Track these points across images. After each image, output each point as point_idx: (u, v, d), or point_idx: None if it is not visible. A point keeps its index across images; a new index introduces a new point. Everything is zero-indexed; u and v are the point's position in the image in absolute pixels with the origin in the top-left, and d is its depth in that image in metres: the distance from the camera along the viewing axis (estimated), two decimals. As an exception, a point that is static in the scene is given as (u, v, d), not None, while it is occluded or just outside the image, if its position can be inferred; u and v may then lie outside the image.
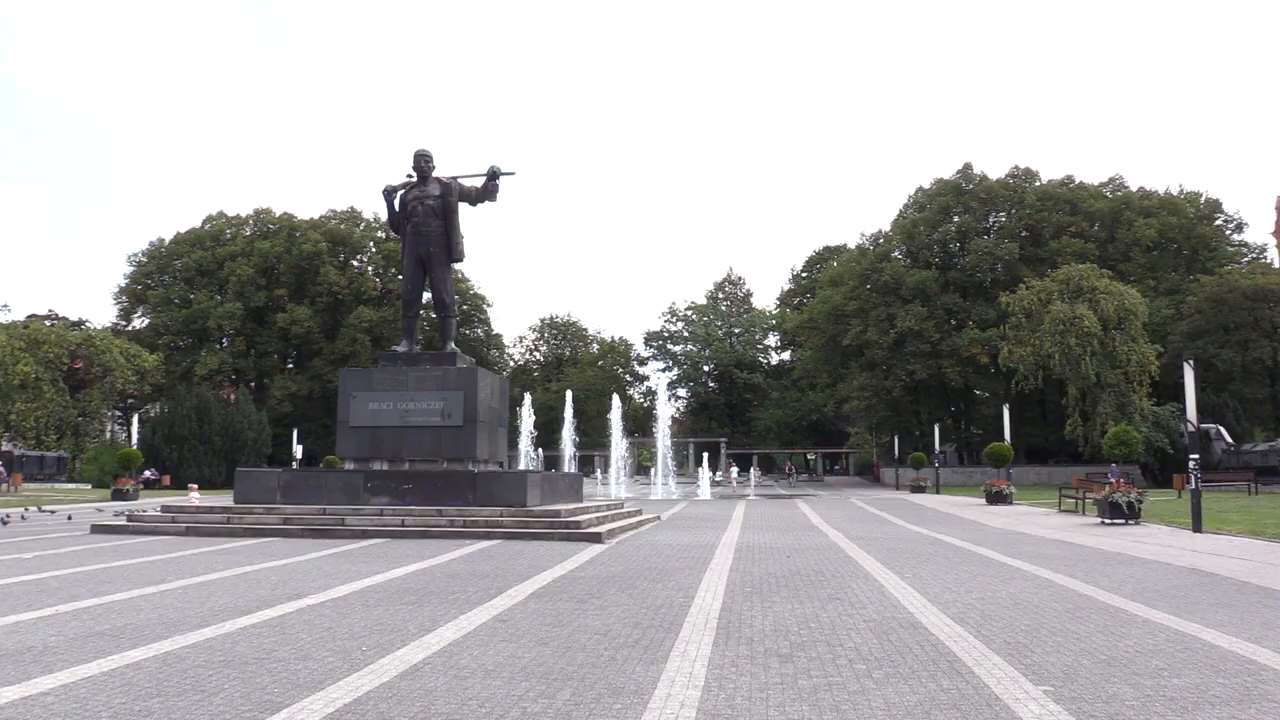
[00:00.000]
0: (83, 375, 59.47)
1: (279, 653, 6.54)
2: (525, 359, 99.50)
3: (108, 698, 5.30)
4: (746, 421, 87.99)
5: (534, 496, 18.04)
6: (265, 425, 57.20)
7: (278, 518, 17.45)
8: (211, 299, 71.06)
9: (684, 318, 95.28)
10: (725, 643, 6.94)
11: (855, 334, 61.38)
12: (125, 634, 7.25)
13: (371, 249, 77.36)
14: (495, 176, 20.55)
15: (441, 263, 20.71)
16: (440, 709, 5.06)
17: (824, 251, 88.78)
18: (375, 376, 20.11)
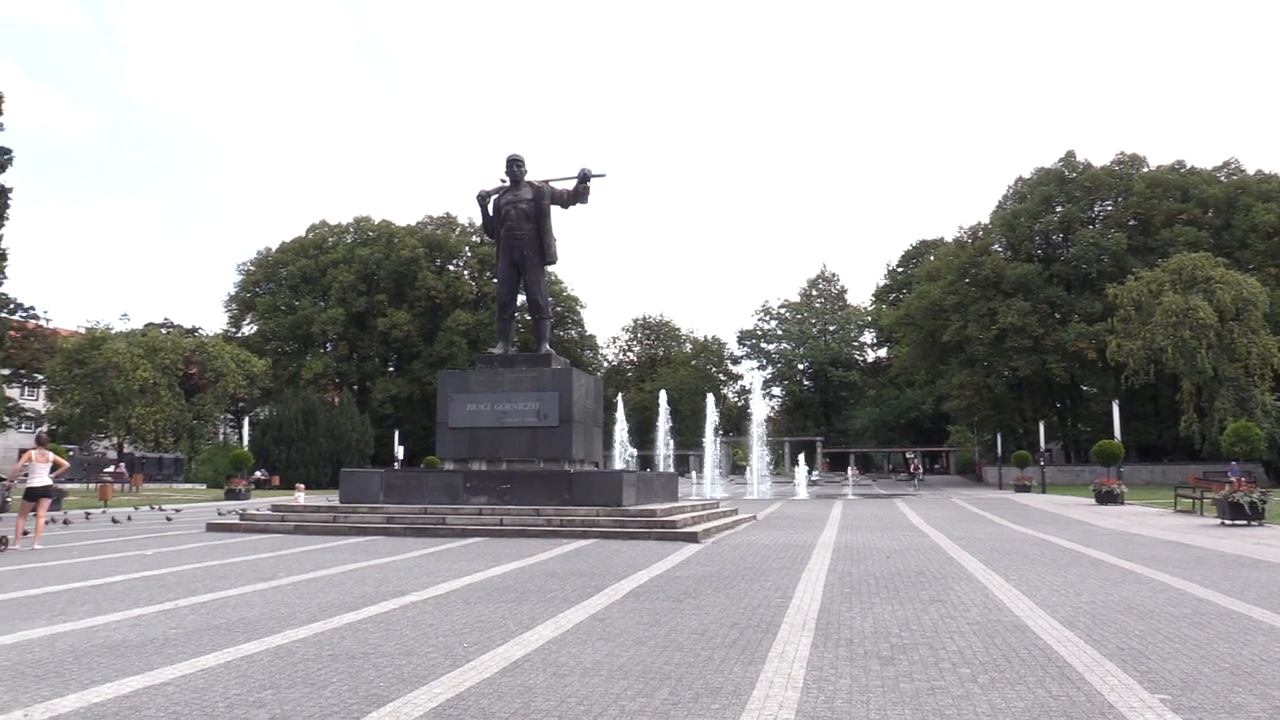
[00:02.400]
0: (197, 380, 62.11)
1: (384, 648, 6.71)
2: (619, 359, 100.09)
3: (224, 688, 5.52)
4: (843, 420, 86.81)
5: (629, 496, 18.12)
6: (368, 427, 58.83)
7: (381, 517, 17.92)
8: (315, 305, 73.46)
9: (777, 315, 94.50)
10: (824, 644, 6.85)
11: (954, 329, 59.94)
12: (239, 628, 7.54)
13: (467, 253, 78.88)
14: (586, 179, 20.71)
15: (535, 265, 20.97)
16: (540, 706, 5.12)
17: (920, 246, 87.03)
18: (472, 378, 20.48)
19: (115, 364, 54.22)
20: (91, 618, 8.05)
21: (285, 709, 5.07)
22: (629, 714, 4.97)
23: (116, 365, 54.21)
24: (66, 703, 5.19)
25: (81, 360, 55.90)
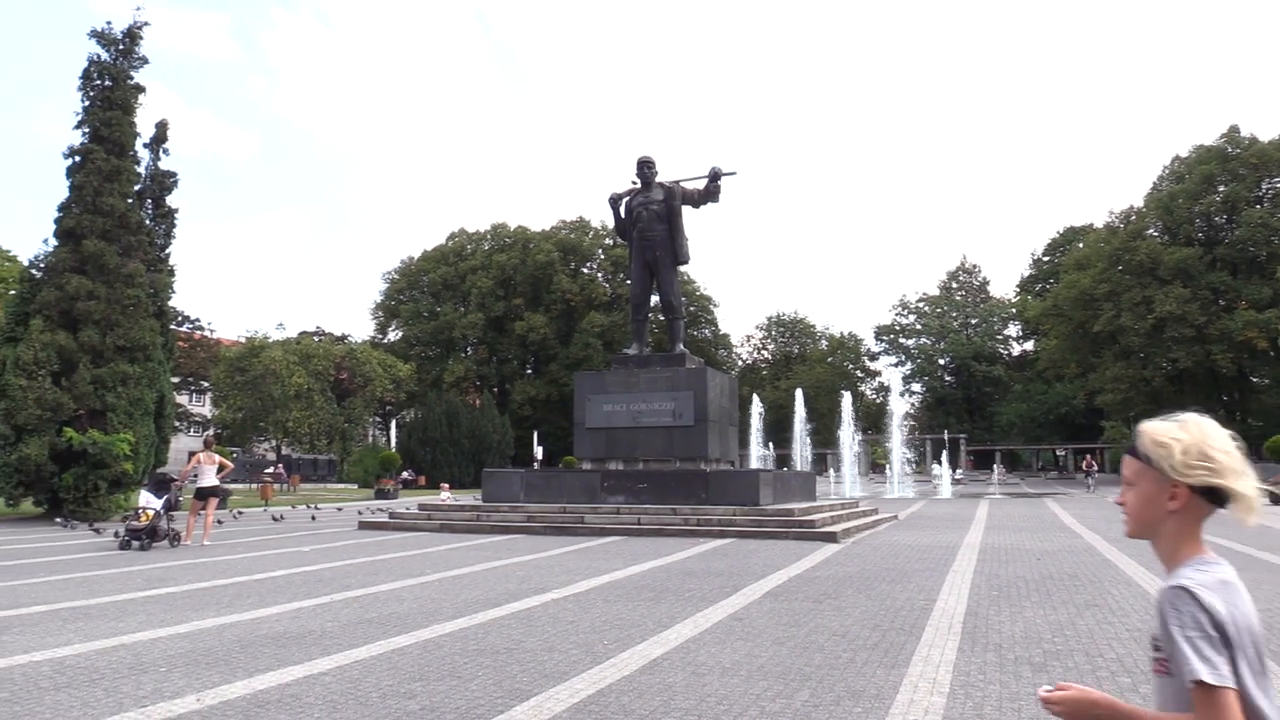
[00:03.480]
0: (347, 385, 65.01)
1: (526, 644, 6.85)
2: (753, 358, 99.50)
3: (377, 680, 5.75)
4: (987, 416, 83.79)
5: (766, 495, 17.98)
6: (508, 428, 60.31)
7: (522, 515, 18.33)
8: (456, 311, 75.81)
9: (916, 310, 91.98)
10: (971, 648, 6.62)
11: (1107, 320, 56.93)
12: (390, 622, 7.84)
13: (600, 256, 79.90)
14: (717, 178, 20.66)
15: (668, 266, 21.06)
16: (679, 704, 5.12)
17: (1068, 233, 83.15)
18: (608, 379, 20.71)
19: (273, 371, 57.30)
20: (256, 610, 8.51)
21: (434, 700, 5.24)
22: (769, 715, 4.92)
23: (274, 372, 57.29)
24: (234, 689, 5.50)
25: (242, 368, 59.30)
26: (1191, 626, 1.60)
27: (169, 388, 26.39)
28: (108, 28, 25.12)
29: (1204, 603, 1.61)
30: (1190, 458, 1.71)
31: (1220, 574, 1.69)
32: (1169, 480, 1.72)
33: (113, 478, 22.31)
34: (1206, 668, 1.56)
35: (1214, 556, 1.73)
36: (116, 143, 24.53)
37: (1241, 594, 1.69)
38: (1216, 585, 1.66)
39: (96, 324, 22.95)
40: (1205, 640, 1.58)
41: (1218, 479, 1.69)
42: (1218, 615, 1.60)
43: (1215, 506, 1.72)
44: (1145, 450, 1.77)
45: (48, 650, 6.69)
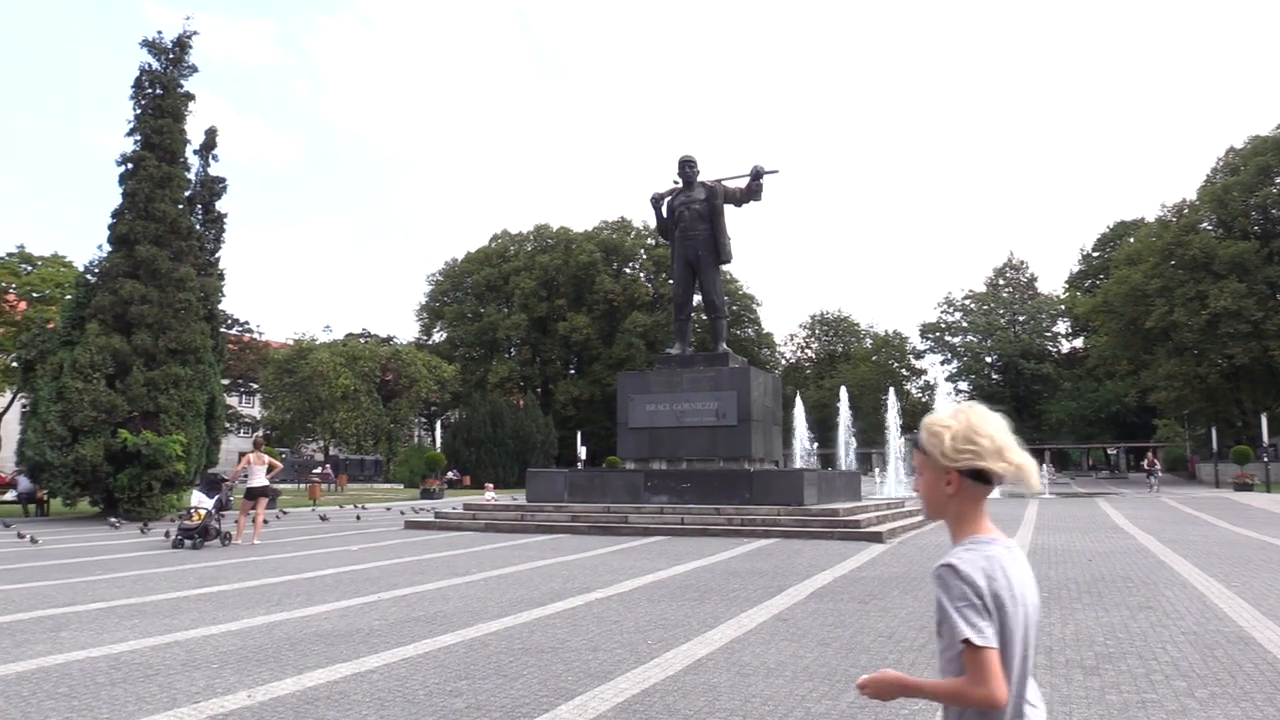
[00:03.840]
0: (393, 386, 65.75)
1: (571, 643, 6.87)
2: (796, 357, 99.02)
3: (424, 678, 5.80)
4: (1036, 415, 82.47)
5: (810, 495, 17.88)
6: (551, 428, 60.58)
7: (566, 515, 18.40)
8: (499, 312, 76.34)
9: (962, 307, 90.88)
10: (1021, 650, 6.51)
11: (1159, 316, 55.78)
12: (437, 620, 7.90)
13: (642, 256, 79.96)
14: (759, 176, 20.59)
15: (710, 265, 21.03)
16: (724, 704, 5.10)
17: (1118, 227, 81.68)
18: (651, 379, 20.73)
19: (320, 373, 58.10)
20: (305, 608, 8.63)
21: (480, 699, 5.27)
22: (815, 716, 4.88)
23: (321, 374, 58.09)
24: (284, 686, 5.58)
25: (290, 369, 60.19)
26: (959, 598, 1.78)
27: (219, 389, 26.86)
28: (159, 37, 25.64)
29: (967, 576, 1.79)
30: (958, 443, 1.87)
31: (989, 551, 1.86)
32: (943, 467, 1.89)
33: (166, 478, 22.77)
34: (973, 631, 1.75)
35: (990, 536, 1.89)
36: (167, 150, 25.04)
37: (1012, 569, 1.85)
38: (982, 561, 1.83)
39: (149, 327, 23.43)
40: (971, 608, 1.77)
41: (981, 461, 1.85)
42: (979, 587, 1.79)
43: (988, 486, 1.89)
44: (923, 441, 1.94)
45: (104, 646, 6.84)
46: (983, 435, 1.88)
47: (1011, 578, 1.84)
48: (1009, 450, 1.88)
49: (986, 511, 1.93)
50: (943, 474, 1.91)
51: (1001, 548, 1.88)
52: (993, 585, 1.80)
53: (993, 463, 1.86)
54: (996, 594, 1.80)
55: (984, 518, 1.93)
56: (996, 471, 1.87)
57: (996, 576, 1.82)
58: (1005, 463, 1.87)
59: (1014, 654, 1.81)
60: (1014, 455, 1.88)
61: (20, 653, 6.63)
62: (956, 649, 1.77)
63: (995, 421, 1.91)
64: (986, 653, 1.74)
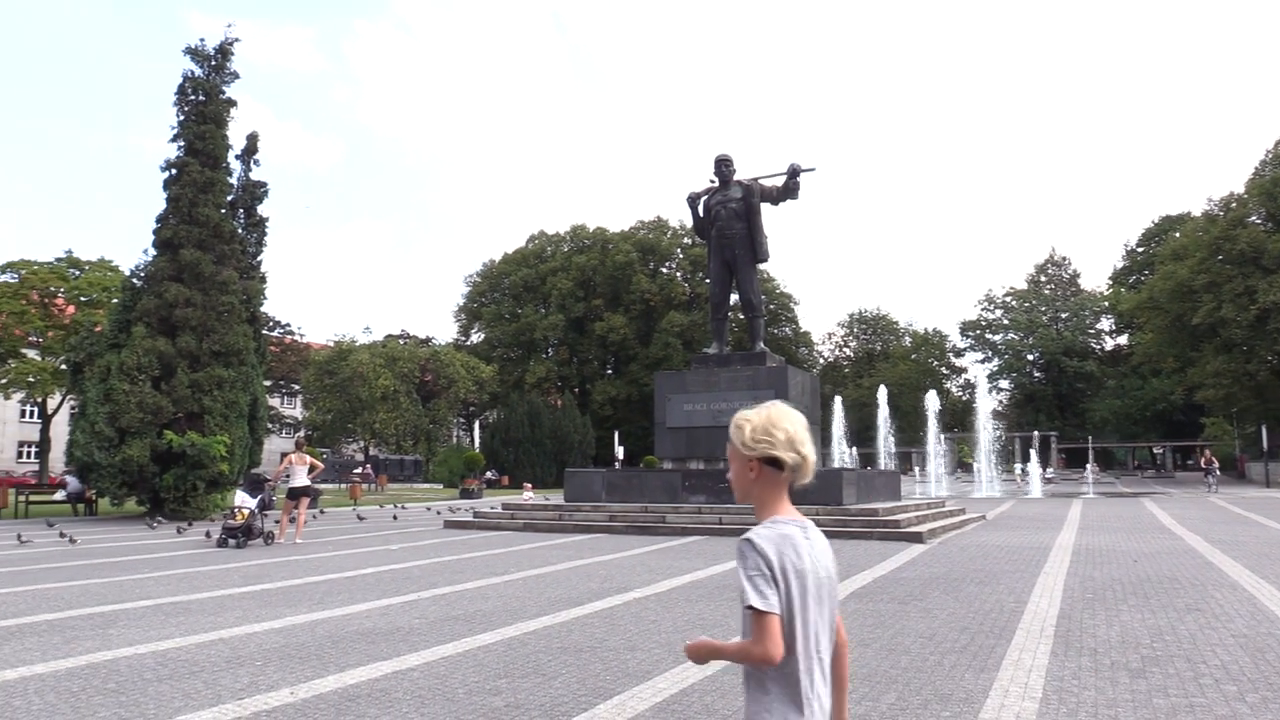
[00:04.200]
0: (432, 387, 66.25)
1: (609, 642, 6.88)
2: (835, 356, 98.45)
3: (463, 676, 5.83)
4: (1079, 413, 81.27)
5: (850, 495, 17.76)
6: (589, 428, 60.71)
7: (603, 515, 18.43)
8: (537, 312, 76.66)
9: (1003, 304, 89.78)
10: (1064, 653, 6.42)
11: (1206, 312, 54.65)
12: (476, 619, 7.95)
13: (679, 255, 79.90)
14: (796, 174, 20.49)
15: (747, 264, 20.96)
16: (763, 705, 5.08)
17: (1163, 222, 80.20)
18: (688, 379, 20.70)
19: (360, 374, 58.71)
20: (346, 606, 8.73)
21: (519, 697, 5.29)
22: (855, 717, 4.85)
23: (361, 375, 58.69)
24: (326, 683, 5.64)
25: (331, 371, 60.89)
26: (751, 568, 2.02)
27: (262, 391, 27.22)
28: (201, 45, 26.04)
29: (761, 550, 2.04)
30: (757, 435, 2.13)
31: (784, 530, 2.10)
32: (745, 455, 2.14)
33: (210, 478, 23.13)
34: (758, 597, 1.99)
35: (788, 516, 2.14)
36: (210, 155, 25.42)
37: (803, 547, 2.09)
38: (776, 538, 2.07)
39: (193, 330, 23.81)
40: (761, 578, 2.01)
41: (774, 451, 2.11)
42: (770, 560, 2.03)
43: (783, 473, 2.13)
44: (730, 433, 2.18)
45: (151, 643, 6.96)
46: (778, 429, 2.13)
47: (802, 554, 2.08)
48: (799, 444, 2.13)
49: (786, 496, 2.17)
50: (746, 462, 2.15)
51: (796, 528, 2.13)
52: (783, 560, 2.04)
53: (784, 452, 2.11)
54: (785, 567, 2.04)
55: (784, 501, 2.17)
56: (786, 460, 2.11)
57: (787, 552, 2.06)
58: (794, 453, 2.12)
59: (798, 619, 2.04)
60: (803, 448, 2.14)
61: (70, 649, 6.76)
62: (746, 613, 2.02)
63: (793, 417, 2.16)
64: (768, 617, 1.98)
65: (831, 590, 2.15)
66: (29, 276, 54.04)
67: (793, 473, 2.15)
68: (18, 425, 71.03)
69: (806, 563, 2.08)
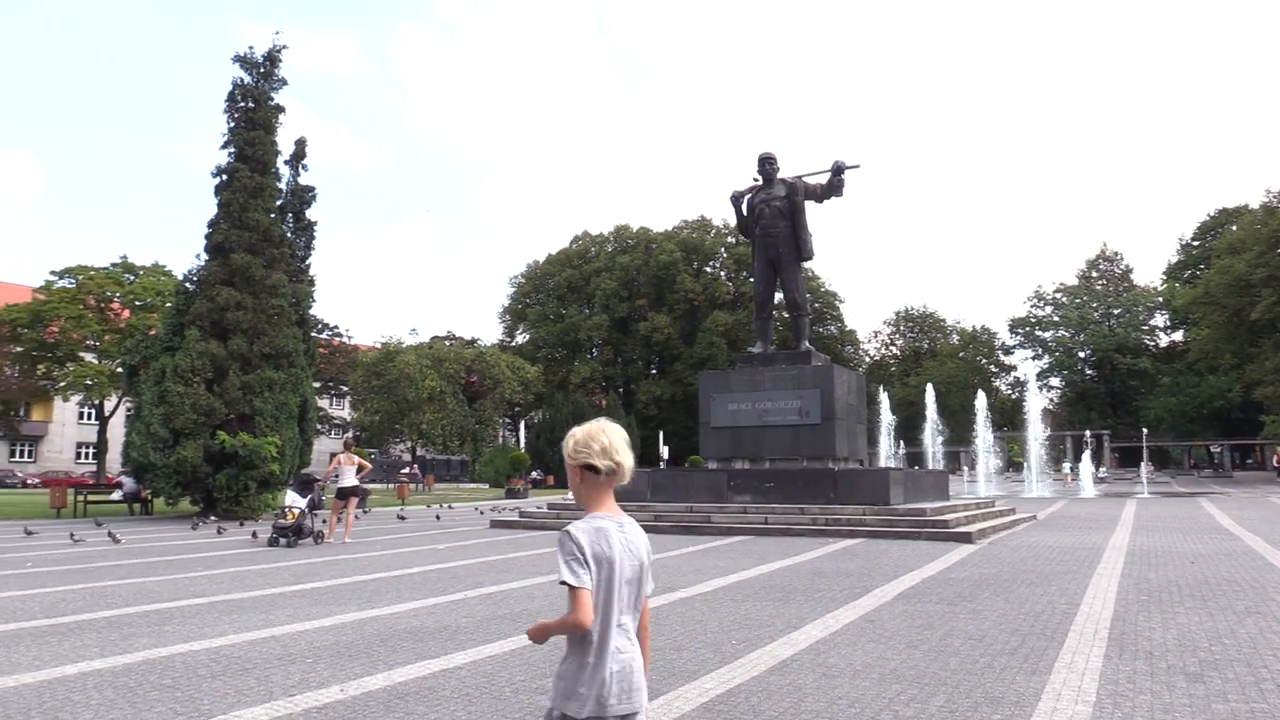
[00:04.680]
0: (477, 387, 66.76)
1: (655, 642, 6.86)
2: (881, 354, 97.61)
3: (510, 675, 5.86)
4: (1133, 411, 79.66)
5: (897, 494, 17.58)
6: (633, 428, 60.75)
7: (649, 515, 18.42)
8: (581, 313, 76.93)
9: (1053, 301, 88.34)
10: (1119, 656, 6.30)
11: (1266, 307, 53.29)
12: (521, 618, 7.99)
13: (722, 255, 79.71)
14: (840, 171, 20.34)
15: (791, 262, 20.84)
16: (810, 706, 5.04)
17: (1220, 215, 78.40)
18: (733, 378, 20.64)
19: (407, 375, 59.34)
20: (394, 605, 8.82)
21: (564, 698, 5.30)
22: (904, 719, 4.79)
23: (408, 376, 59.31)
24: (375, 681, 5.70)
25: (378, 372, 61.60)
26: (568, 554, 2.43)
27: (311, 392, 27.60)
28: (250, 52, 26.45)
29: (575, 539, 2.44)
30: (578, 447, 2.54)
31: (598, 524, 2.50)
32: (570, 464, 2.57)
33: (261, 478, 23.50)
34: (572, 576, 2.40)
35: (605, 514, 2.53)
36: (260, 161, 25.83)
37: (614, 538, 2.48)
38: (591, 530, 2.48)
39: (244, 333, 24.21)
40: (575, 561, 2.42)
41: (590, 459, 2.51)
42: (583, 547, 2.43)
43: (599, 477, 2.52)
44: (562, 446, 2.60)
45: (204, 640, 7.08)
46: (596, 441, 2.54)
47: (613, 544, 2.48)
48: (614, 453, 2.53)
49: (608, 496, 2.55)
50: (572, 469, 2.56)
51: (611, 523, 2.52)
52: (594, 548, 2.45)
53: (599, 460, 2.51)
54: (597, 554, 2.45)
55: (605, 500, 2.56)
56: (600, 467, 2.51)
57: (599, 542, 2.46)
58: (609, 461, 2.51)
59: (602, 597, 2.44)
60: (617, 456, 2.53)
61: (127, 645, 6.91)
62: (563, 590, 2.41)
63: (611, 430, 2.57)
64: (579, 591, 2.39)
65: (641, 574, 2.55)
66: (86, 282, 55.37)
67: (609, 477, 2.53)
68: (76, 427, 72.83)
69: (616, 552, 2.47)
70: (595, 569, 2.44)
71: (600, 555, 2.46)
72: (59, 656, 6.52)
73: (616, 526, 2.52)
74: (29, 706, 5.19)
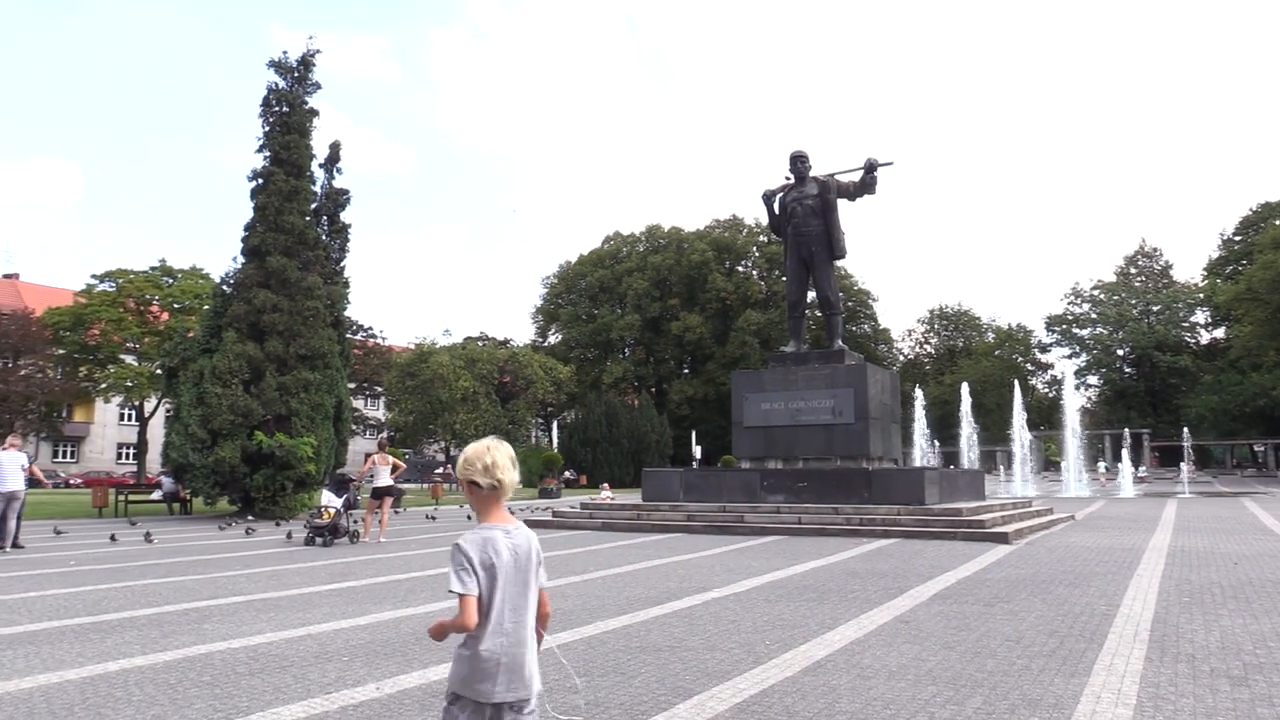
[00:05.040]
0: (510, 388, 67.00)
1: (688, 642, 6.86)
2: (915, 353, 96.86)
3: (544, 674, 5.87)
4: (1173, 410, 78.37)
5: (932, 494, 17.44)
6: (666, 427, 60.74)
7: (681, 515, 18.42)
8: (613, 313, 77.00)
9: (1090, 298, 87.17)
10: (1160, 658, 6.20)
11: (1310, 304, 52.37)
12: (556, 618, 7.97)
13: (754, 254, 79.45)
14: (873, 169, 20.22)
15: (824, 261, 20.74)
16: (844, 707, 5.01)
17: (1262, 210, 76.95)
18: (766, 377, 20.57)
19: (440, 375, 59.66)
20: (429, 604, 8.87)
21: (599, 695, 5.31)
22: (939, 722, 4.75)
23: (441, 377, 59.63)
24: (410, 679, 5.74)
25: (412, 373, 62.00)
26: (457, 564, 2.78)
27: (346, 393, 27.85)
28: (284, 57, 26.75)
29: (464, 550, 2.79)
30: (464, 465, 2.89)
31: (486, 535, 2.84)
32: (460, 479, 2.92)
33: (297, 478, 23.75)
34: (459, 584, 2.76)
35: (495, 523, 2.89)
36: (294, 164, 26.10)
37: (502, 544, 2.83)
38: (479, 541, 2.82)
39: (280, 335, 24.49)
40: (462, 570, 2.77)
41: (472, 476, 2.87)
42: (471, 557, 2.78)
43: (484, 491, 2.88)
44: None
45: (243, 638, 7.17)
46: (480, 460, 2.87)
47: (501, 550, 2.82)
48: (496, 470, 2.87)
49: (497, 507, 2.91)
50: (461, 484, 2.93)
51: (499, 531, 2.86)
52: (482, 556, 2.79)
53: (480, 478, 2.86)
54: (483, 562, 2.79)
55: (494, 511, 2.90)
56: (482, 484, 2.86)
57: (486, 550, 2.80)
58: (490, 479, 2.86)
59: (493, 600, 2.79)
60: (499, 473, 2.88)
61: (168, 643, 7.01)
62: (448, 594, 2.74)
63: (496, 449, 2.91)
64: (465, 598, 2.75)
65: (529, 573, 2.90)
66: (126, 285, 56.28)
67: (493, 492, 2.88)
68: (117, 428, 74.06)
69: (504, 557, 2.82)
70: (483, 575, 2.78)
71: (487, 562, 2.79)
72: (101, 653, 6.63)
73: (504, 534, 2.86)
74: (73, 702, 5.28)
